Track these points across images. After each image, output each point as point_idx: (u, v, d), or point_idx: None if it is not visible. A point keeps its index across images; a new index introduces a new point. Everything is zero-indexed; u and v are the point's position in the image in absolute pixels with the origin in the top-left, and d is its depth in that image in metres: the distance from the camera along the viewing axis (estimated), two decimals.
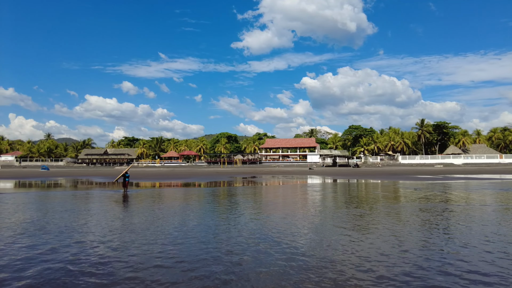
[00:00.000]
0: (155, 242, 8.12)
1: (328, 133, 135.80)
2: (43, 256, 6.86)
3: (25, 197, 19.31)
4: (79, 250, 7.37)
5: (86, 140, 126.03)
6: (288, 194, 20.55)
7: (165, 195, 20.56)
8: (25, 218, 11.57)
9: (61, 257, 6.81)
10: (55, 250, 7.36)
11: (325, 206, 14.49)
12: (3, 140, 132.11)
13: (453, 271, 5.86)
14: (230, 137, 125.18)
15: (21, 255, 6.97)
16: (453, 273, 5.76)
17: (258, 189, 24.84)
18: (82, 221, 10.97)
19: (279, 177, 41.07)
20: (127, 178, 21.87)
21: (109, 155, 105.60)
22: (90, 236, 8.77)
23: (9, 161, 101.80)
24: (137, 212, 12.97)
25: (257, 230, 9.52)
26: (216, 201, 17.16)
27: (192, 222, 10.71)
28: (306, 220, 10.94)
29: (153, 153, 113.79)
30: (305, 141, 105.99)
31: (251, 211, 13.18)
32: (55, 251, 7.24)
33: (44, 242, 8.09)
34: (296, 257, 6.75)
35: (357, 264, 6.29)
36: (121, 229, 9.74)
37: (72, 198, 18.76)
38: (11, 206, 14.79)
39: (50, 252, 7.17)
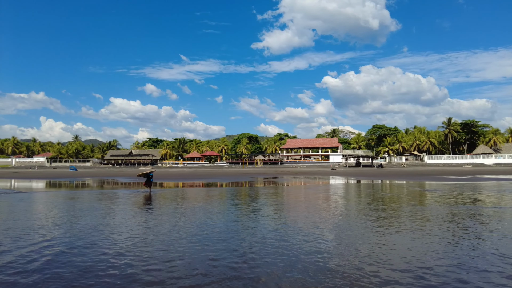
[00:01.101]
0: (178, 240, 8.15)
1: (351, 133, 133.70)
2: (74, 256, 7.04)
3: (55, 196, 20.02)
4: (103, 248, 7.51)
5: (111, 141, 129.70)
6: (311, 194, 20.27)
7: (188, 195, 20.75)
8: (57, 216, 11.98)
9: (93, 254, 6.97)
10: (87, 247, 7.54)
11: (348, 209, 14.16)
12: (35, 142, 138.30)
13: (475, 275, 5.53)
14: (251, 138, 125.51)
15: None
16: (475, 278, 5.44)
17: (280, 190, 24.67)
18: (106, 219, 11.22)
19: (301, 178, 40.69)
20: (151, 179, 22.22)
21: (134, 156, 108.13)
22: (115, 236, 8.93)
23: (41, 162, 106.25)
24: (159, 214, 13.12)
25: (278, 235, 9.39)
26: (238, 201, 17.14)
27: (216, 224, 10.70)
28: (330, 223, 10.71)
29: (176, 153, 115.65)
30: (327, 141, 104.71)
31: (273, 213, 13.05)
32: (87, 249, 7.41)
33: (78, 239, 8.31)
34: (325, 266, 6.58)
35: (372, 272, 6.05)
36: (144, 231, 9.87)
37: (98, 197, 19.27)
38: (42, 205, 15.37)
39: (78, 252, 7.34)
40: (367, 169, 68.10)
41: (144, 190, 22.43)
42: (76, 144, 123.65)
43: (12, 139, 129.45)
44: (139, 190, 23.46)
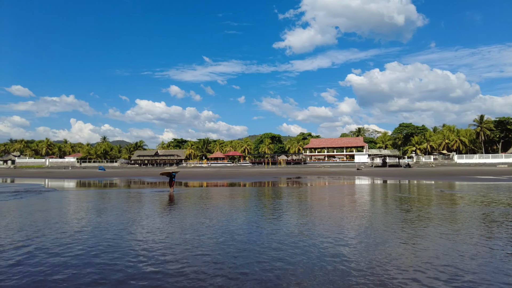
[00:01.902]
0: (200, 237, 8.18)
1: (377, 132, 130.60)
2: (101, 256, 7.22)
3: (85, 195, 20.73)
4: (127, 246, 7.66)
5: (138, 142, 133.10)
6: (335, 195, 19.90)
7: (211, 195, 20.89)
8: (85, 215, 12.39)
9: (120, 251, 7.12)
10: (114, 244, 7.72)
11: (375, 211, 13.78)
12: (66, 143, 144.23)
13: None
14: (274, 138, 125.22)
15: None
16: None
17: (303, 190, 24.40)
18: (129, 217, 11.46)
19: (325, 178, 40.13)
20: (173, 178, 22.61)
21: (159, 156, 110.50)
22: (137, 235, 9.09)
23: (72, 162, 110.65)
24: (179, 213, 13.25)
25: (300, 238, 9.24)
26: (262, 201, 17.07)
27: (238, 225, 10.68)
28: (355, 227, 10.44)
29: (200, 154, 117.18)
30: (352, 140, 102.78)
31: (297, 214, 12.89)
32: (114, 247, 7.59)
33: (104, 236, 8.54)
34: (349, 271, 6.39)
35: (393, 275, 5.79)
36: (166, 228, 9.98)
37: (124, 196, 19.76)
38: (73, 204, 15.95)
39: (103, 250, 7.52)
40: (393, 169, 66.27)
41: (168, 190, 22.82)
42: (104, 145, 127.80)
43: (45, 141, 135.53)
44: (164, 190, 23.89)
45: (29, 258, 6.80)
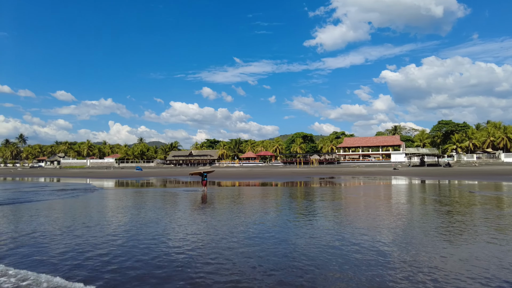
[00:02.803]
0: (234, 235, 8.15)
1: (414, 130, 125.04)
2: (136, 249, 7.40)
3: (127, 193, 21.55)
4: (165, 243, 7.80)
5: (173, 143, 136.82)
6: (371, 196, 19.25)
7: (244, 195, 20.94)
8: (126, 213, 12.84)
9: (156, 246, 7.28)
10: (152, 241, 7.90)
11: (413, 214, 13.14)
12: (106, 144, 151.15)
13: None
14: (306, 137, 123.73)
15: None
16: None
17: (337, 191, 23.83)
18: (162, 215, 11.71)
19: (360, 178, 39.04)
20: (205, 178, 22.91)
21: (193, 156, 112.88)
22: (172, 234, 9.24)
23: (110, 163, 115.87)
24: (211, 214, 13.33)
25: (335, 243, 8.95)
26: (294, 202, 16.84)
27: (270, 226, 10.57)
28: (393, 231, 9.98)
29: (232, 154, 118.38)
30: (388, 139, 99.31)
31: (331, 216, 12.57)
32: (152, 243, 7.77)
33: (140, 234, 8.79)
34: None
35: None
36: (200, 227, 10.07)
37: (159, 195, 20.30)
38: (117, 201, 16.61)
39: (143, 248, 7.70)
40: (432, 168, 63.24)
41: (201, 189, 23.15)
42: (140, 146, 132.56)
43: (87, 142, 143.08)
44: (197, 189, 24.26)
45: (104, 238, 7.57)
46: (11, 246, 8.20)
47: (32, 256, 7.29)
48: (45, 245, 8.25)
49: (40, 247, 8.06)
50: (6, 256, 7.29)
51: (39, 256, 7.28)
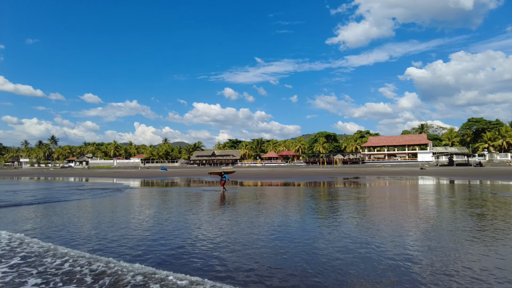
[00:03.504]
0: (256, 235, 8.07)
1: (442, 128, 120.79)
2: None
3: (153, 192, 22.00)
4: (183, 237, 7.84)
5: (196, 143, 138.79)
6: (397, 198, 18.67)
7: (265, 195, 20.82)
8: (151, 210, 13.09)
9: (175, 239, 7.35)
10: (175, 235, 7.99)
11: (442, 216, 12.60)
12: (131, 145, 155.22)
13: None
14: (329, 136, 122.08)
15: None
16: None
17: (362, 191, 23.30)
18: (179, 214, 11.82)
19: (385, 178, 38.06)
20: (224, 178, 22.94)
21: (216, 156, 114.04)
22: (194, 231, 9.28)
23: (136, 163, 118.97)
24: (229, 214, 13.30)
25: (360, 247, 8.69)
26: (317, 203, 16.56)
27: (293, 228, 10.41)
28: (420, 236, 9.59)
29: (254, 154, 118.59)
30: (415, 137, 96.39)
31: (355, 218, 12.26)
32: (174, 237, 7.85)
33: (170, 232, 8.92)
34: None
35: None
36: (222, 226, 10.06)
37: (181, 195, 20.53)
38: (144, 200, 17.00)
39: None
40: (462, 168, 60.80)
41: (221, 189, 23.18)
42: (165, 146, 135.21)
43: (113, 143, 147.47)
44: (217, 189, 24.34)
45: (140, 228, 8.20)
46: (100, 238, 9.12)
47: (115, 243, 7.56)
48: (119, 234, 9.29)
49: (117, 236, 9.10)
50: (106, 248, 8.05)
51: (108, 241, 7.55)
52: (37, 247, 7.92)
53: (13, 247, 7.96)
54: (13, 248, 7.86)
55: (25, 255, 7.27)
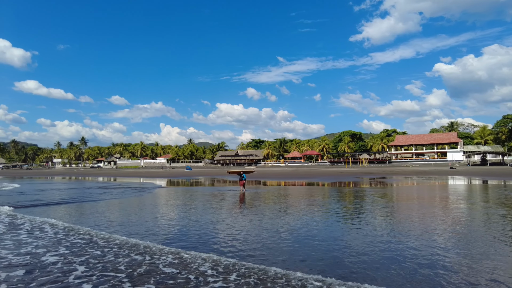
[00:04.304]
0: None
1: (473, 126, 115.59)
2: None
3: (179, 191, 22.33)
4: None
5: (220, 143, 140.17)
6: (427, 198, 17.96)
7: (288, 195, 20.59)
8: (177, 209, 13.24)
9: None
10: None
11: (475, 219, 11.96)
12: (157, 145, 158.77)
13: None
14: (354, 135, 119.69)
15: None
16: None
17: (389, 192, 22.60)
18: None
19: (413, 178, 36.81)
20: (243, 177, 22.86)
21: (239, 156, 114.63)
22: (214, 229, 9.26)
23: (162, 163, 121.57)
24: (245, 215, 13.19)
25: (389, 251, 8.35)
26: (343, 204, 16.18)
27: (316, 230, 10.17)
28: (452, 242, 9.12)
29: (277, 153, 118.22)
30: (444, 136, 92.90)
31: (382, 220, 11.85)
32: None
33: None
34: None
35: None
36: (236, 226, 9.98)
37: (205, 195, 20.67)
38: (171, 198, 17.28)
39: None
40: (496, 167, 57.90)
41: (240, 189, 23.06)
42: (190, 146, 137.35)
43: (140, 144, 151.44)
44: (236, 189, 24.25)
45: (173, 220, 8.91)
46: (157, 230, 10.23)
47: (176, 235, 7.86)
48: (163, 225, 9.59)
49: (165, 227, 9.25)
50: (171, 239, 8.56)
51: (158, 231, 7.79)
52: (122, 239, 8.48)
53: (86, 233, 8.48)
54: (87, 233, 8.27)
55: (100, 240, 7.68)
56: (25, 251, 7.80)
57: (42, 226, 10.68)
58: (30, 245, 8.36)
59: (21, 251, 7.80)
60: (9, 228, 10.58)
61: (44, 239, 9.01)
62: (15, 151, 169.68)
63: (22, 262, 6.91)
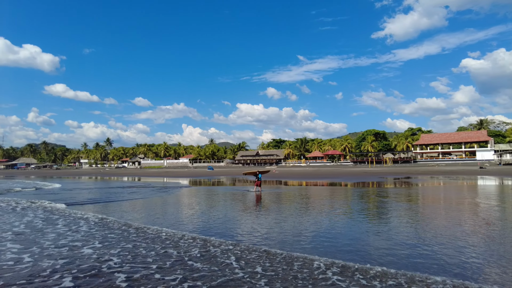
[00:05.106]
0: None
1: (505, 124, 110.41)
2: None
3: (201, 191, 22.50)
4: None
5: (241, 143, 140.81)
6: (454, 200, 17.21)
7: (306, 195, 20.27)
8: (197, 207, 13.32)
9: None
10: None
11: (508, 221, 11.31)
12: (180, 146, 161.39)
13: None
14: (378, 134, 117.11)
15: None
16: None
17: (414, 193, 21.85)
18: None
19: (440, 178, 35.52)
20: (259, 177, 22.69)
21: (260, 156, 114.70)
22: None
23: (185, 163, 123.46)
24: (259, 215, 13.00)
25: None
26: (366, 205, 15.73)
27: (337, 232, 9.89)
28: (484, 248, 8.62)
29: (298, 153, 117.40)
30: (472, 134, 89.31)
31: (408, 222, 11.40)
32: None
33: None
34: None
35: None
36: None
37: (226, 195, 20.66)
38: (187, 198, 17.43)
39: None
40: None
41: (256, 189, 22.85)
42: (211, 146, 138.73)
43: (163, 144, 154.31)
44: (258, 189, 24.07)
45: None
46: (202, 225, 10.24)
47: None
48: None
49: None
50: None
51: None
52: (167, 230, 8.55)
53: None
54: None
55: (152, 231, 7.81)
56: (98, 240, 8.62)
57: (107, 221, 11.61)
58: (98, 234, 9.42)
59: (98, 240, 8.60)
60: (74, 222, 11.37)
61: (112, 230, 10.00)
62: (45, 152, 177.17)
63: (100, 248, 7.83)
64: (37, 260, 6.91)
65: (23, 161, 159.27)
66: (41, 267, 6.44)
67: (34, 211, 14.03)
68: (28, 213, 13.49)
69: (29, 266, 6.48)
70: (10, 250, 7.76)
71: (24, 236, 9.29)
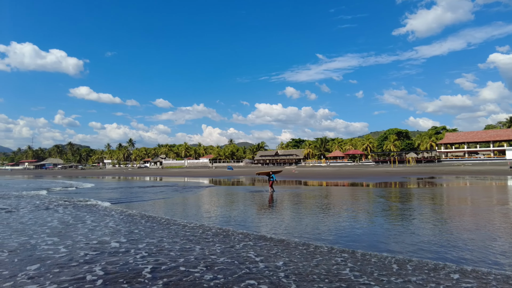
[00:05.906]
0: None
1: None
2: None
3: (222, 190, 22.68)
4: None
5: (260, 143, 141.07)
6: (482, 202, 16.54)
7: (323, 196, 19.98)
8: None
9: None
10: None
11: None
12: (200, 146, 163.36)
13: None
14: (400, 133, 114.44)
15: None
16: None
17: (438, 193, 21.15)
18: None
19: (466, 178, 34.26)
20: (272, 178, 22.42)
21: (279, 156, 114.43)
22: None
23: (205, 163, 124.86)
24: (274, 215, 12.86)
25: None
26: (389, 206, 15.35)
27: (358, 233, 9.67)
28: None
29: (318, 153, 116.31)
30: (502, 132, 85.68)
31: (433, 223, 11.04)
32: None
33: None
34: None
35: None
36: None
37: (246, 195, 20.65)
38: (207, 197, 17.61)
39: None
40: None
41: (269, 190, 22.59)
42: (230, 146, 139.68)
43: (184, 145, 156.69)
44: (270, 190, 23.95)
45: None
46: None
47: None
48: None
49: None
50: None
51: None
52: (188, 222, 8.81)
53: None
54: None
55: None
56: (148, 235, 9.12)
57: (152, 217, 12.57)
58: (145, 228, 10.44)
59: (151, 236, 9.17)
60: (129, 219, 12.23)
61: (169, 225, 10.92)
62: (71, 152, 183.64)
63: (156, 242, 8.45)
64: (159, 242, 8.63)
65: (50, 162, 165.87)
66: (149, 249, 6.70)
67: (89, 209, 15.13)
68: (93, 210, 14.64)
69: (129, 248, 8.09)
70: (114, 241, 8.88)
71: (116, 228, 10.57)
